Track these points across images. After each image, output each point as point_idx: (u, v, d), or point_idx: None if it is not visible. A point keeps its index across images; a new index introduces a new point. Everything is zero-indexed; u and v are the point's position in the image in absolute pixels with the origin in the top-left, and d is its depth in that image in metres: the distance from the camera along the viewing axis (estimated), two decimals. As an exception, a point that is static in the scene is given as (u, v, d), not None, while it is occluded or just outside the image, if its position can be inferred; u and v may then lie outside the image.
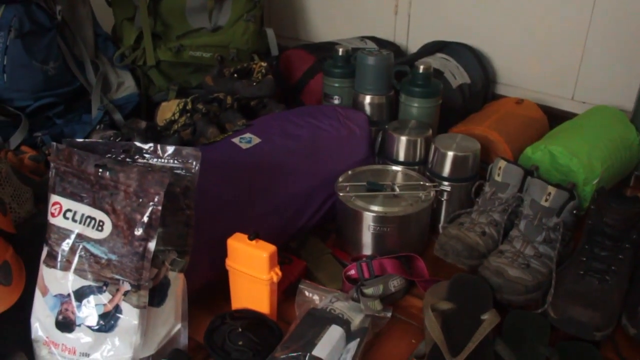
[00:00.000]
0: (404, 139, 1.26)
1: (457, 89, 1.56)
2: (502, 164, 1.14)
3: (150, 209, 0.78)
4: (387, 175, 1.22)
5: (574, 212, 1.07)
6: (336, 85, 1.47)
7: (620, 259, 1.01)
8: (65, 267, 0.81)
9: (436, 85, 1.37)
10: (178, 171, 0.83)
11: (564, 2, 1.53)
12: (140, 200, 0.78)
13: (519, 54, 1.66)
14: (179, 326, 0.89)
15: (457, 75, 1.58)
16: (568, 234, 1.09)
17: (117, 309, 0.80)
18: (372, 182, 1.17)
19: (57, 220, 0.82)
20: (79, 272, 0.81)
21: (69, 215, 0.81)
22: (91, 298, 0.81)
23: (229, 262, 0.96)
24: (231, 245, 0.94)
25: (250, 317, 0.95)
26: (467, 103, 1.58)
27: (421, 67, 1.33)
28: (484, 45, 1.72)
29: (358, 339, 0.90)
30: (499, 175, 1.14)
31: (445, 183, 1.21)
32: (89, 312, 0.81)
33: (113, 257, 0.79)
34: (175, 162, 0.83)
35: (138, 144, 0.84)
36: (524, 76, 1.67)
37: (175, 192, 0.82)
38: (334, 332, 0.91)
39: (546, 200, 1.05)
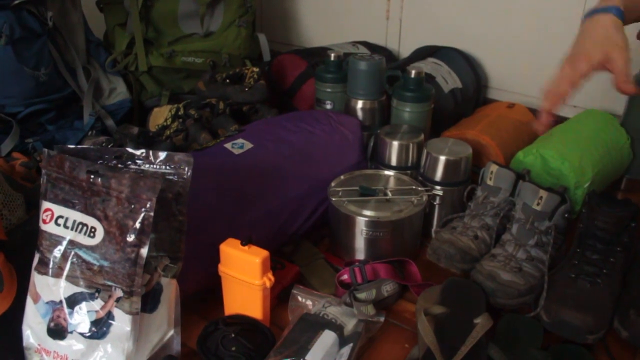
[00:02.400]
0: (396, 143, 1.26)
1: (449, 93, 1.56)
2: (494, 168, 1.15)
3: (142, 215, 0.78)
4: (380, 180, 1.22)
5: (566, 215, 1.07)
6: (328, 90, 1.47)
7: (612, 262, 1.01)
8: (57, 274, 0.81)
9: (428, 90, 1.37)
10: (170, 177, 0.83)
11: (555, 7, 1.54)
12: (132, 206, 0.78)
13: (510, 59, 1.67)
14: (171, 332, 0.89)
15: (448, 79, 1.59)
16: (560, 238, 1.09)
17: (109, 315, 0.80)
18: (365, 187, 1.17)
19: (48, 227, 0.82)
20: (71, 278, 0.80)
21: (61, 221, 0.81)
22: (83, 305, 0.80)
23: (222, 268, 0.96)
24: (224, 250, 0.93)
25: (243, 322, 0.95)
26: (459, 107, 1.58)
27: (413, 72, 1.34)
28: (476, 49, 1.73)
29: (351, 344, 0.90)
30: (490, 179, 1.15)
31: (438, 187, 1.21)
32: (81, 318, 0.80)
33: (105, 263, 0.79)
34: (168, 168, 0.83)
35: (130, 150, 0.84)
36: (515, 80, 1.68)
37: (167, 198, 0.82)
38: (327, 337, 0.91)
39: (538, 204, 1.05)
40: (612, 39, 0.85)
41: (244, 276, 0.93)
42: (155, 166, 0.83)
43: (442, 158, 1.20)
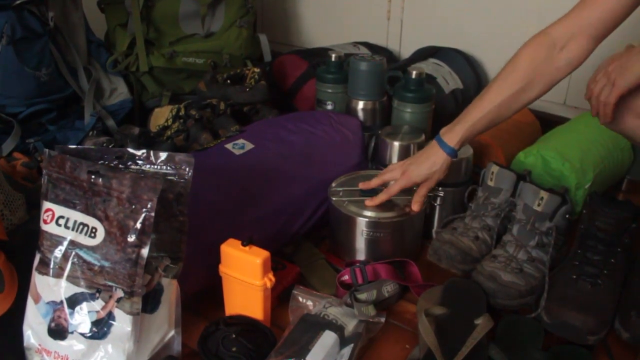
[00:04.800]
0: (396, 144, 1.26)
1: (450, 94, 1.56)
2: (495, 168, 1.14)
3: (143, 215, 0.78)
4: (381, 181, 1.22)
5: (567, 216, 1.07)
6: (329, 90, 1.47)
7: (613, 263, 1.01)
8: (58, 274, 0.81)
9: (429, 90, 1.37)
10: (171, 177, 0.83)
11: (555, 8, 1.53)
12: (133, 206, 0.78)
13: (511, 59, 1.67)
14: (172, 333, 0.89)
15: (449, 80, 1.59)
16: (561, 239, 1.09)
17: (110, 315, 0.80)
18: (366, 188, 1.17)
19: (49, 227, 0.82)
20: (72, 279, 0.80)
21: (62, 222, 0.81)
22: (84, 305, 0.80)
23: (223, 268, 0.96)
24: (224, 251, 0.93)
25: (243, 323, 0.95)
26: (460, 108, 1.58)
27: (414, 73, 1.34)
28: (476, 50, 1.72)
29: (352, 345, 0.90)
30: (491, 180, 1.15)
31: (439, 188, 1.21)
32: (81, 319, 0.80)
33: (106, 263, 0.79)
34: (168, 168, 0.83)
35: (131, 150, 0.84)
36: (516, 81, 1.68)
37: (168, 198, 0.82)
38: (328, 338, 0.91)
39: (539, 204, 1.05)
40: (434, 171, 1.09)
41: (245, 277, 0.93)
42: (156, 166, 0.83)
43: (443, 159, 1.19)
